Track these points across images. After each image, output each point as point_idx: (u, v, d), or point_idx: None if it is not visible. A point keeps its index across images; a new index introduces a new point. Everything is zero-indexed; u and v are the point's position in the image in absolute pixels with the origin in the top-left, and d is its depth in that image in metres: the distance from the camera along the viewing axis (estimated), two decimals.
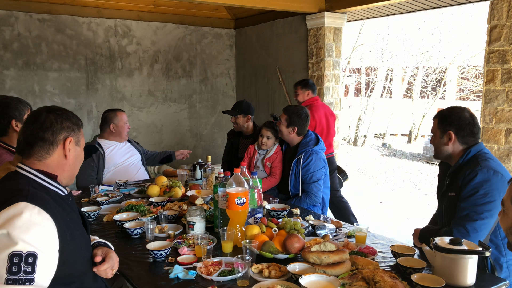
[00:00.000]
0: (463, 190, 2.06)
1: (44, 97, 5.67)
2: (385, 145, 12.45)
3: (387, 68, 13.76)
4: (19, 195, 1.39)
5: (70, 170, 1.62)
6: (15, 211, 1.34)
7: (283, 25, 6.20)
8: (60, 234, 1.42)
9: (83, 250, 1.60)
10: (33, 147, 1.53)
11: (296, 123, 3.22)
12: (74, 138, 1.60)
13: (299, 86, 4.72)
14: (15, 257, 1.28)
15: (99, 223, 2.55)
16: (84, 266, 1.60)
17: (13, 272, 1.27)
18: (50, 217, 1.40)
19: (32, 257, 1.30)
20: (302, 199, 3.14)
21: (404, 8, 5.56)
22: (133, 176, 3.73)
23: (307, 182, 3.14)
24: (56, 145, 1.55)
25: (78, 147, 1.64)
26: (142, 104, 6.48)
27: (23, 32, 5.48)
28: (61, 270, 1.43)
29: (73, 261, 1.50)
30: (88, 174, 3.52)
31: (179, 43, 6.71)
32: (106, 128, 3.68)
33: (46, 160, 1.55)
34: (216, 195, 2.31)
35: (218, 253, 2.05)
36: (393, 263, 1.96)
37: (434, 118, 2.31)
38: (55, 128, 1.54)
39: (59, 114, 1.58)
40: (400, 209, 6.12)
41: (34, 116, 1.56)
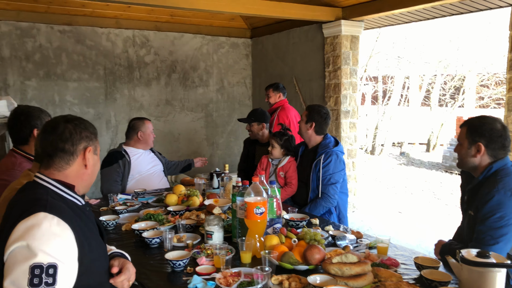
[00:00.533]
0: (480, 211, 1.98)
1: (64, 106, 5.76)
2: (403, 154, 12.29)
3: (404, 76, 13.62)
4: (38, 205, 1.39)
5: (88, 179, 1.63)
6: (34, 222, 1.34)
7: (299, 34, 6.20)
8: (78, 244, 1.42)
9: (101, 261, 1.59)
10: (52, 158, 1.53)
11: (314, 119, 3.20)
12: (92, 147, 1.60)
13: (271, 88, 4.84)
14: (36, 269, 1.27)
15: (117, 232, 2.55)
16: (101, 277, 1.59)
17: (34, 284, 1.26)
18: (69, 227, 1.40)
19: (53, 268, 1.30)
20: (317, 203, 3.09)
21: (422, 15, 5.51)
22: (156, 184, 3.76)
23: (325, 184, 3.10)
24: (77, 155, 1.55)
25: (96, 156, 1.64)
26: (159, 113, 6.53)
27: (44, 43, 5.59)
28: (79, 280, 1.42)
29: (91, 272, 1.49)
30: (114, 179, 3.56)
31: (196, 52, 6.76)
32: (133, 136, 3.72)
33: (66, 171, 1.55)
34: (234, 205, 2.29)
35: (236, 264, 2.03)
36: (416, 275, 1.90)
37: (462, 126, 2.17)
38: (74, 139, 1.54)
39: (77, 124, 1.58)
40: (419, 219, 6.00)
41: (52, 127, 1.55)
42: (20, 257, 1.29)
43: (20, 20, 5.40)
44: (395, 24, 6.16)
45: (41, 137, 1.56)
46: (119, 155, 3.61)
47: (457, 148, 2.19)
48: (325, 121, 3.23)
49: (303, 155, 3.37)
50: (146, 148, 3.80)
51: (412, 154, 12.26)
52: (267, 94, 4.85)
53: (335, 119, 5.66)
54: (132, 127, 3.73)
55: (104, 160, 3.64)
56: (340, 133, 5.61)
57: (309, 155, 3.28)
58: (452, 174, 9.32)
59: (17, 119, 2.46)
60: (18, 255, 1.30)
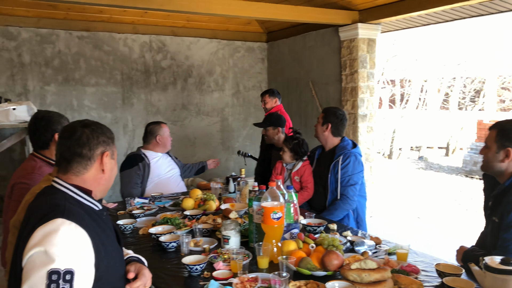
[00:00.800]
0: (505, 218, 1.92)
1: (82, 111, 5.84)
2: (422, 158, 12.11)
3: (423, 79, 13.44)
4: (56, 210, 1.40)
5: (105, 184, 1.63)
6: (52, 228, 1.35)
7: (315, 37, 6.17)
8: (95, 250, 1.42)
9: (117, 266, 1.59)
10: (70, 163, 1.54)
11: (330, 120, 3.17)
12: (109, 151, 1.61)
13: (267, 94, 4.95)
14: (54, 275, 1.28)
15: (134, 236, 2.56)
16: (118, 282, 1.59)
17: None
18: (86, 233, 1.40)
19: (70, 274, 1.30)
20: (336, 205, 3.04)
21: (441, 17, 5.43)
22: (174, 188, 3.79)
23: (343, 185, 3.06)
24: (94, 160, 1.56)
25: (113, 160, 1.64)
26: (176, 118, 6.56)
27: (63, 49, 5.68)
28: (96, 286, 1.42)
29: (108, 277, 1.49)
30: (134, 182, 3.59)
31: (212, 57, 6.79)
32: (151, 140, 3.76)
33: (83, 175, 1.55)
34: (251, 209, 2.27)
35: (253, 269, 2.01)
36: (438, 283, 1.85)
37: (492, 129, 2.08)
38: (92, 144, 1.55)
39: (94, 129, 1.58)
40: (439, 225, 5.89)
41: (69, 132, 1.56)
42: (38, 262, 1.30)
43: (40, 27, 5.50)
44: (413, 27, 6.09)
45: (59, 142, 1.57)
46: (139, 158, 3.65)
47: (483, 151, 2.11)
48: (341, 122, 3.19)
49: (320, 158, 3.33)
50: (164, 151, 3.83)
51: (431, 158, 12.07)
52: (263, 100, 4.93)
53: (352, 123, 5.60)
54: (150, 132, 3.77)
55: (124, 163, 3.68)
56: (357, 137, 5.55)
57: (326, 157, 3.24)
58: (473, 179, 9.13)
59: (38, 124, 2.49)
60: (36, 260, 1.30)
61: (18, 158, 5.47)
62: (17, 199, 2.33)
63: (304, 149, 3.34)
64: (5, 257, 2.25)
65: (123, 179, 3.63)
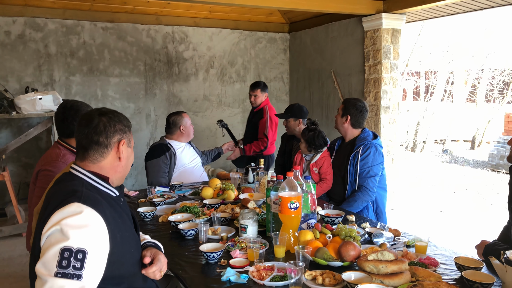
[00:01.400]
0: None
1: (106, 101, 5.94)
2: (446, 152, 11.86)
3: (449, 70, 13.11)
4: (74, 196, 1.43)
5: (122, 171, 1.66)
6: (69, 211, 1.38)
7: (338, 28, 6.09)
8: (111, 236, 1.45)
9: (133, 252, 1.62)
10: (87, 150, 1.57)
11: (350, 112, 3.14)
12: (126, 139, 1.63)
13: (259, 89, 4.80)
14: (66, 252, 1.31)
15: (154, 224, 2.60)
16: (134, 267, 1.62)
17: (63, 266, 1.30)
18: (101, 218, 1.43)
19: (82, 253, 1.33)
20: (356, 196, 3.02)
21: (469, 6, 5.27)
22: (198, 178, 3.85)
23: (363, 177, 3.03)
24: (111, 148, 1.59)
25: (129, 148, 1.66)
26: (197, 109, 6.61)
27: (88, 40, 5.78)
28: (111, 270, 1.45)
29: (123, 262, 1.53)
30: (163, 171, 3.65)
31: (233, 48, 6.79)
32: (175, 131, 3.82)
33: (100, 163, 1.58)
34: (269, 199, 2.28)
35: (270, 258, 2.02)
36: (457, 276, 1.82)
37: None
38: (108, 132, 1.57)
39: (111, 117, 1.60)
40: (462, 219, 5.77)
41: (86, 120, 1.59)
42: (53, 240, 1.34)
43: (65, 18, 5.61)
44: (439, 16, 5.94)
45: (77, 130, 1.60)
46: (165, 147, 3.72)
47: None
48: (361, 114, 3.16)
49: (340, 149, 3.31)
50: (187, 140, 3.90)
51: (456, 152, 11.80)
52: (254, 94, 4.81)
53: (374, 115, 5.53)
54: (173, 123, 3.82)
55: (150, 153, 3.75)
56: (379, 128, 5.48)
57: (346, 148, 3.22)
58: (499, 173, 8.90)
59: (67, 113, 2.56)
60: (52, 239, 1.35)
61: (44, 146, 5.63)
62: (41, 185, 2.40)
63: (320, 141, 3.30)
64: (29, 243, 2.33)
65: (150, 168, 3.69)
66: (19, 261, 4.12)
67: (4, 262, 4.11)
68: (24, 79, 5.46)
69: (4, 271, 3.91)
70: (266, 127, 4.72)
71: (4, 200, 5.47)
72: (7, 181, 4.62)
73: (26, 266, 3.99)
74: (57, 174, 2.07)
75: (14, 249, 4.40)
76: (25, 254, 4.24)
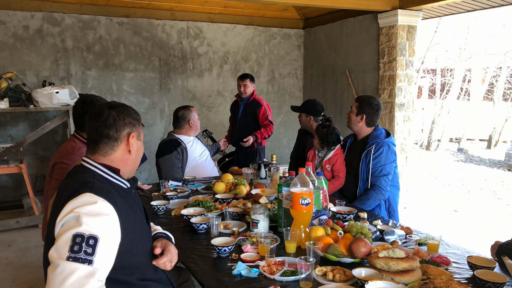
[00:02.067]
0: None
1: (121, 96, 6.01)
2: (461, 150, 11.70)
3: (465, 68, 12.91)
4: (86, 187, 1.46)
5: (132, 164, 1.68)
6: (81, 201, 1.42)
7: (353, 24, 6.05)
8: (122, 226, 1.48)
9: (144, 242, 1.64)
10: (98, 144, 1.59)
11: (365, 111, 3.12)
12: (135, 133, 1.65)
13: (248, 79, 4.88)
14: (78, 237, 1.34)
15: (167, 217, 2.64)
16: (145, 258, 1.65)
17: (74, 251, 1.33)
18: (113, 209, 1.46)
19: (94, 240, 1.36)
20: (369, 194, 3.01)
21: (487, 3, 5.18)
22: (210, 172, 3.89)
23: (376, 176, 3.01)
24: (120, 141, 1.61)
25: (139, 141, 1.69)
26: (211, 104, 6.64)
27: (104, 35, 5.85)
28: (122, 260, 1.48)
29: (134, 253, 1.55)
30: (176, 166, 3.69)
31: (248, 44, 6.80)
32: (184, 125, 3.86)
33: (111, 156, 1.61)
34: (280, 195, 2.29)
35: (281, 253, 2.03)
36: (469, 275, 1.81)
37: None
38: (118, 125, 1.59)
39: (120, 110, 1.62)
40: (476, 219, 5.70)
41: (96, 113, 1.61)
42: (67, 227, 1.37)
43: (82, 13, 5.68)
44: (457, 13, 5.84)
45: (87, 123, 1.62)
46: (176, 143, 3.75)
47: None
48: (376, 113, 3.13)
49: (352, 147, 3.29)
50: (195, 134, 3.93)
51: (471, 151, 11.64)
52: (244, 84, 4.87)
53: (388, 112, 5.48)
54: (181, 117, 3.85)
55: (161, 150, 3.78)
56: (393, 126, 5.44)
57: (358, 146, 3.20)
58: None
59: (86, 107, 2.59)
60: (65, 226, 1.38)
61: (60, 139, 5.72)
62: (57, 178, 2.45)
63: (333, 138, 3.30)
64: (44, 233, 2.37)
65: (164, 164, 3.72)
66: (35, 251, 4.21)
67: (21, 252, 4.20)
68: (41, 73, 5.55)
69: (20, 261, 4.00)
70: (268, 114, 4.85)
71: (21, 191, 5.58)
72: (24, 173, 4.71)
73: (42, 257, 4.07)
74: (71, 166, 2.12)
75: (31, 240, 4.49)
76: (40, 245, 4.33)
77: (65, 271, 1.30)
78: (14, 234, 4.63)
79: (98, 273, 1.35)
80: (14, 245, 4.36)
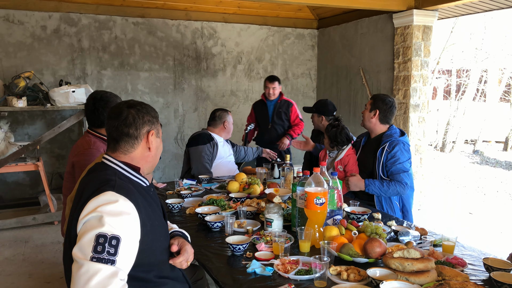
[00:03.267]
0: None
1: (135, 95, 6.07)
2: (477, 152, 11.54)
3: (482, 69, 12.72)
4: (107, 185, 1.48)
5: (152, 161, 1.71)
6: (104, 199, 1.44)
7: (368, 24, 6.02)
8: (142, 224, 1.50)
9: (162, 240, 1.67)
10: (118, 142, 1.62)
11: (379, 107, 3.11)
12: (155, 130, 1.68)
13: (276, 81, 5.01)
14: (101, 238, 1.37)
15: (181, 215, 2.66)
16: (163, 256, 1.67)
17: (97, 251, 1.35)
18: (134, 207, 1.48)
19: (116, 240, 1.38)
20: (391, 183, 2.95)
21: (505, 2, 5.11)
22: (234, 172, 3.95)
23: (396, 173, 2.97)
24: (140, 139, 1.63)
25: (158, 139, 1.71)
26: (224, 104, 6.66)
27: (119, 35, 5.91)
28: (141, 258, 1.50)
29: (152, 250, 1.57)
30: (208, 157, 3.76)
31: (261, 44, 6.81)
32: (219, 124, 3.96)
33: (131, 154, 1.64)
34: (294, 194, 2.29)
35: (295, 252, 2.04)
36: (485, 277, 1.79)
37: None
38: (138, 123, 1.62)
39: (139, 109, 1.65)
40: (492, 221, 5.63)
41: (116, 112, 1.64)
42: (89, 227, 1.40)
43: (98, 13, 5.75)
44: (473, 13, 5.78)
45: (107, 122, 1.66)
46: (209, 137, 3.84)
47: None
48: (390, 109, 3.12)
49: (366, 145, 3.28)
50: (227, 137, 4.03)
51: (487, 153, 11.47)
52: (273, 86, 5.00)
53: (403, 113, 5.45)
54: (218, 116, 3.97)
55: (194, 140, 3.86)
56: (408, 127, 5.40)
57: (372, 144, 3.18)
58: None
59: (98, 104, 2.63)
60: (88, 225, 1.40)
61: (76, 138, 5.80)
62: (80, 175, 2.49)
63: (342, 137, 3.28)
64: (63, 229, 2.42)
65: (195, 154, 3.79)
66: (51, 248, 4.28)
67: (37, 248, 4.27)
68: (58, 72, 5.64)
69: (37, 257, 4.07)
70: (298, 112, 5.06)
71: (37, 189, 5.68)
72: (41, 171, 4.80)
73: (58, 253, 4.13)
74: (91, 161, 2.14)
75: (47, 237, 4.57)
76: (56, 242, 4.40)
77: (90, 271, 1.33)
78: (30, 231, 4.72)
79: (121, 272, 1.38)
80: (31, 241, 4.44)
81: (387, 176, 3.03)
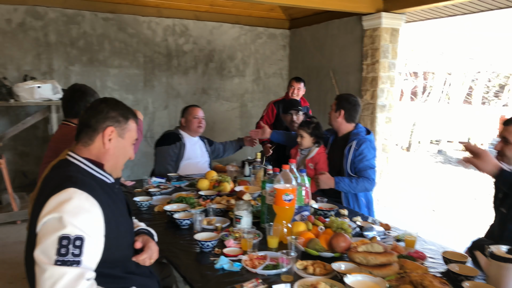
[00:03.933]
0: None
1: (104, 92, 5.95)
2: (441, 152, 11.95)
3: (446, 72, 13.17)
4: (69, 181, 1.46)
5: (111, 160, 1.64)
6: (65, 197, 1.41)
7: (338, 26, 6.13)
8: (106, 220, 1.48)
9: (127, 236, 1.66)
10: (80, 132, 1.62)
11: (343, 106, 3.19)
12: (117, 129, 1.63)
13: (302, 83, 4.79)
14: (64, 240, 1.34)
15: (150, 213, 2.64)
16: (128, 251, 1.67)
17: (61, 254, 1.33)
18: (97, 203, 1.46)
19: (80, 240, 1.36)
20: (359, 180, 3.03)
21: (467, 8, 5.32)
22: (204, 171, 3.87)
23: (363, 170, 3.06)
24: (97, 132, 1.61)
25: (121, 139, 1.65)
26: (195, 102, 6.60)
27: (89, 30, 5.79)
28: (106, 254, 1.49)
29: (117, 246, 1.56)
30: (170, 159, 3.71)
31: (233, 42, 6.82)
32: (180, 121, 3.92)
33: (90, 146, 1.61)
34: (264, 191, 2.32)
35: (263, 248, 2.06)
36: (443, 269, 1.88)
37: (506, 124, 2.16)
38: (100, 116, 1.61)
39: (109, 104, 1.65)
40: (454, 218, 5.85)
41: (90, 106, 1.66)
42: (50, 228, 1.37)
43: (66, 7, 5.61)
44: (439, 17, 5.98)
45: (80, 115, 1.67)
46: (177, 137, 3.79)
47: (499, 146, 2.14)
48: (354, 107, 3.21)
49: (334, 144, 3.36)
50: (194, 135, 3.91)
51: (450, 152, 11.90)
52: (298, 87, 4.81)
53: (370, 113, 5.58)
54: (181, 113, 3.93)
55: (161, 140, 3.82)
56: (375, 127, 5.53)
57: (339, 143, 3.26)
58: None
59: (74, 94, 2.68)
60: (49, 226, 1.37)
61: (42, 135, 5.64)
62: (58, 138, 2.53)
63: (322, 131, 3.39)
64: None
65: (159, 154, 3.76)
66: (14, 248, 4.16)
67: None
68: (23, 67, 5.47)
69: None
70: None
71: None
72: (3, 168, 4.65)
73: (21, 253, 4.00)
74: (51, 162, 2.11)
75: (9, 236, 4.43)
76: (19, 242, 4.27)
77: (54, 275, 1.31)
78: None
79: (87, 272, 1.37)
80: None
81: (355, 173, 3.11)
